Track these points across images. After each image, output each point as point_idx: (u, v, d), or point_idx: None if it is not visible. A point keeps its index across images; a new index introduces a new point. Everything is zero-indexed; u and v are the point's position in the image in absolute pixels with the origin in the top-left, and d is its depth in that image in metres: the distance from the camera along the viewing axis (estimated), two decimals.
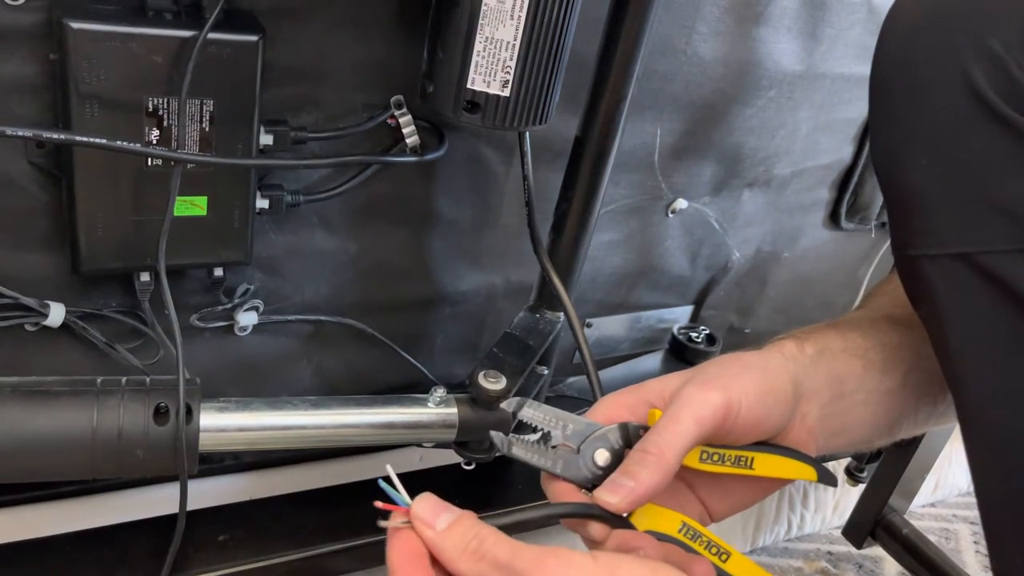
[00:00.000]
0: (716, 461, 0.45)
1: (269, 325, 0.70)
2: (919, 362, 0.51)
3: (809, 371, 0.48)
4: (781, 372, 0.46)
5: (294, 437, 0.59)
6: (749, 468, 0.45)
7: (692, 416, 0.42)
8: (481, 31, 0.54)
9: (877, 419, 0.51)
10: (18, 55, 0.52)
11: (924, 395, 0.52)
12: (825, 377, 0.48)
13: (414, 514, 0.40)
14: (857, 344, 0.51)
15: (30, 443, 0.51)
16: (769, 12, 0.79)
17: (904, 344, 0.51)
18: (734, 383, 0.44)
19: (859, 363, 0.50)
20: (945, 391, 0.51)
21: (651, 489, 0.41)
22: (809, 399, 0.47)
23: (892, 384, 0.50)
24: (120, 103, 0.53)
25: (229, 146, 0.57)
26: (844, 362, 0.49)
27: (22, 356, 0.61)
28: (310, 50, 0.60)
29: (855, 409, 0.50)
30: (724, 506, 0.49)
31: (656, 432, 0.43)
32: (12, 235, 0.57)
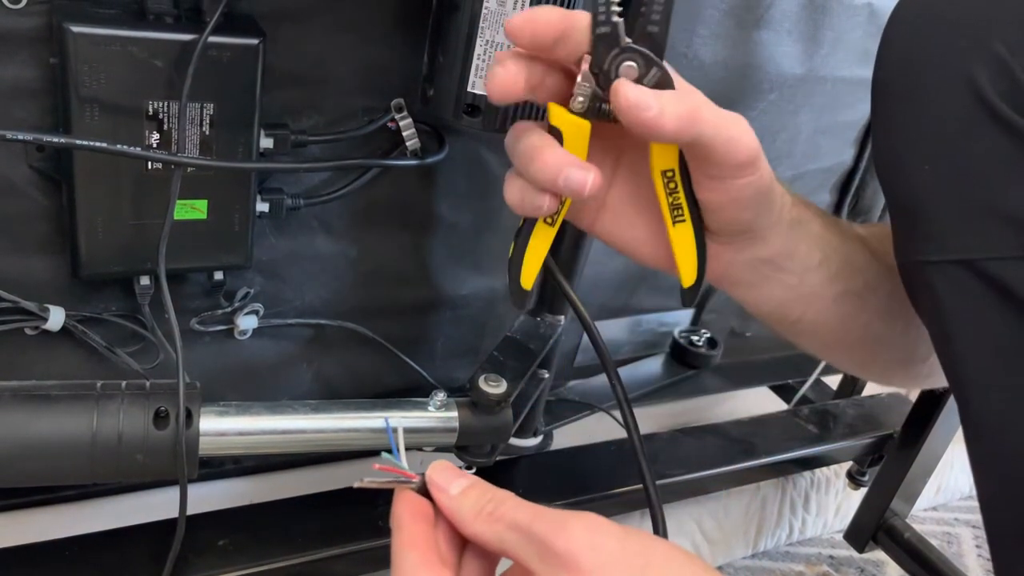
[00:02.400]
0: (666, 187, 0.44)
1: (269, 329, 0.70)
2: (864, 292, 0.52)
3: (780, 227, 0.48)
4: (776, 204, 0.46)
5: (294, 441, 0.59)
6: (672, 223, 0.45)
7: (734, 130, 0.42)
8: (482, 34, 0.54)
9: (787, 306, 0.51)
10: (18, 59, 0.52)
11: (851, 319, 0.52)
12: (782, 242, 0.48)
13: (429, 479, 0.40)
14: (830, 241, 0.51)
15: (30, 447, 0.51)
16: (770, 15, 0.79)
17: (863, 269, 0.52)
18: (761, 154, 0.44)
19: (817, 255, 0.50)
20: (884, 343, 0.54)
21: (664, 128, 0.39)
22: (757, 243, 0.47)
23: (827, 292, 0.51)
24: (120, 107, 0.53)
25: (229, 150, 0.57)
26: (807, 245, 0.50)
27: (22, 360, 0.61)
28: (310, 54, 0.60)
29: (778, 284, 0.49)
30: (617, 229, 0.49)
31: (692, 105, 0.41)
32: (12, 239, 0.57)
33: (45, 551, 0.59)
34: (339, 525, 0.63)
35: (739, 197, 0.44)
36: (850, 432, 0.96)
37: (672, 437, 0.88)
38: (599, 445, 0.83)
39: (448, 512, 0.39)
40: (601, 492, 0.77)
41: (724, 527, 0.95)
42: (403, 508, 0.39)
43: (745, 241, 0.47)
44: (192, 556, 0.59)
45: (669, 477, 0.82)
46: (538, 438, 0.83)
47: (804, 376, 1.09)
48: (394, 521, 0.40)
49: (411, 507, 0.40)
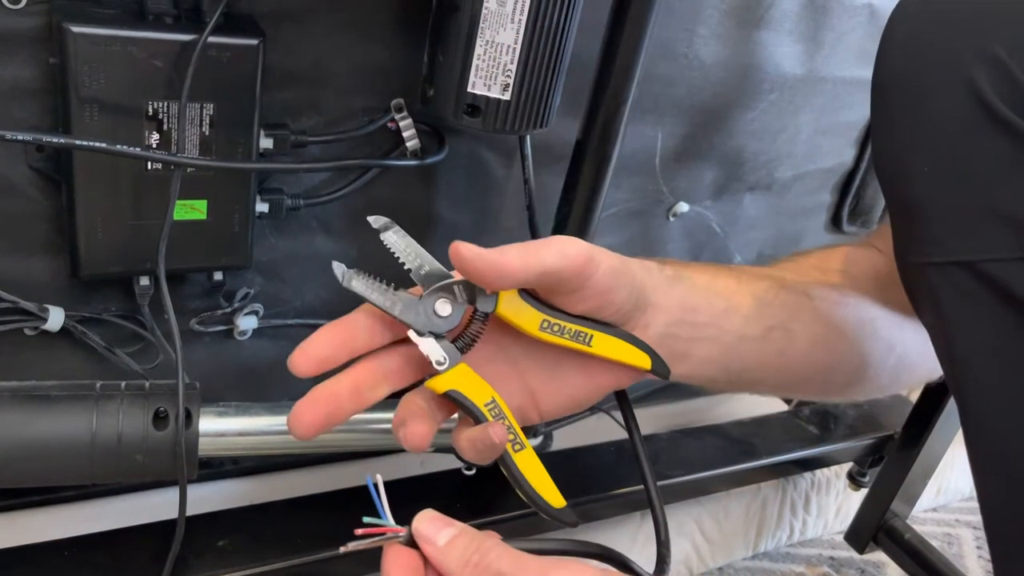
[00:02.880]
0: (556, 332, 0.44)
1: (269, 329, 0.70)
2: (789, 323, 0.52)
3: (662, 287, 0.48)
4: (637, 270, 0.47)
5: (294, 442, 0.59)
6: (587, 345, 0.45)
7: (558, 247, 0.42)
8: (482, 35, 0.54)
9: (725, 360, 0.51)
10: (18, 59, 0.52)
11: (787, 356, 0.53)
12: (678, 300, 0.49)
13: (416, 531, 0.40)
14: (726, 286, 0.51)
15: (29, 448, 0.51)
16: (770, 16, 0.79)
17: (779, 304, 0.52)
18: (596, 248, 0.44)
19: (721, 302, 0.51)
20: (830, 367, 0.55)
21: (509, 265, 0.40)
22: (656, 312, 0.47)
23: (751, 332, 0.51)
24: (120, 107, 0.53)
25: (229, 150, 0.57)
26: (703, 296, 0.50)
27: (21, 360, 0.61)
28: (310, 54, 0.60)
29: (702, 342, 0.50)
30: (554, 399, 0.48)
31: (521, 245, 0.42)
32: (12, 239, 0.57)
33: (45, 552, 0.59)
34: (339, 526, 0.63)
35: (605, 289, 0.44)
36: (850, 433, 0.96)
37: (672, 438, 0.88)
38: (599, 446, 0.83)
39: (436, 564, 0.39)
40: (601, 493, 0.77)
41: (724, 528, 0.95)
42: (392, 563, 0.40)
43: (644, 316, 0.47)
44: (192, 557, 0.59)
45: (669, 478, 0.82)
46: (538, 439, 0.83)
47: None
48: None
49: (400, 561, 0.40)
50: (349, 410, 0.43)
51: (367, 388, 0.44)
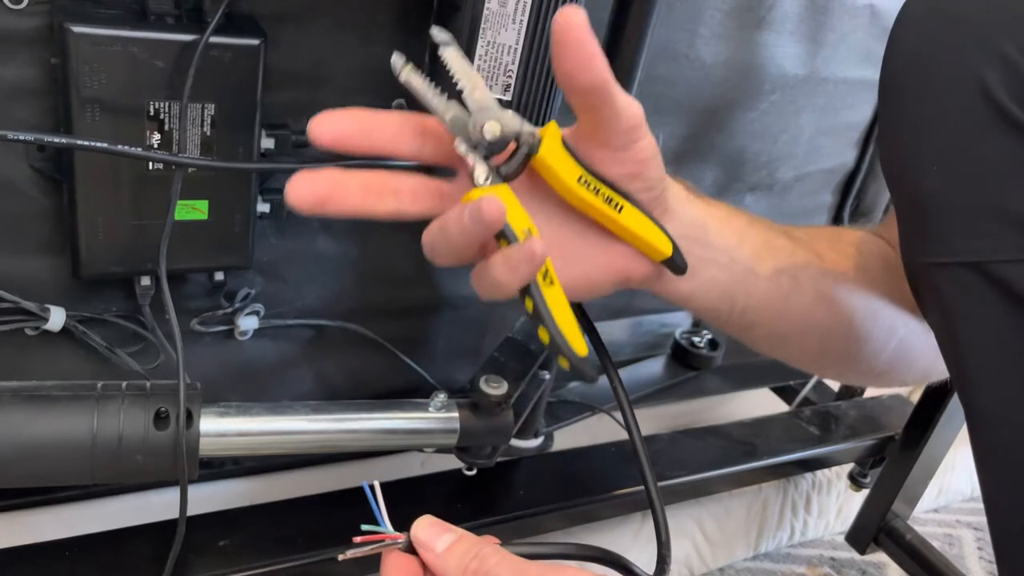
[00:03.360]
0: (591, 190, 0.45)
1: (270, 329, 0.70)
2: (796, 273, 0.53)
3: (682, 199, 0.49)
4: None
5: (295, 442, 0.59)
6: (617, 212, 0.45)
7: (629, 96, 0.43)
8: (483, 35, 0.54)
9: (731, 289, 0.52)
10: (19, 59, 0.52)
11: (790, 303, 0.53)
12: (693, 216, 0.49)
13: (414, 537, 0.40)
14: (740, 223, 0.52)
15: (30, 448, 0.51)
16: (771, 16, 0.79)
17: (788, 253, 0.53)
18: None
19: (733, 235, 0.51)
20: (829, 329, 0.55)
21: (599, 58, 0.41)
22: (672, 218, 0.48)
23: (760, 270, 0.52)
24: (121, 107, 0.52)
25: (230, 150, 0.57)
26: (718, 224, 0.51)
27: (22, 360, 0.60)
28: (311, 54, 0.60)
29: (711, 264, 0.50)
30: (570, 272, 0.47)
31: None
32: (13, 239, 0.57)
33: (45, 551, 0.59)
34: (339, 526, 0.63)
35: (646, 158, 0.45)
36: (851, 434, 0.96)
37: (673, 438, 0.88)
38: (600, 447, 0.83)
39: (435, 570, 0.39)
40: (602, 494, 0.77)
41: (725, 529, 0.94)
42: (392, 570, 0.40)
43: (663, 216, 0.48)
44: (192, 557, 0.59)
45: (670, 478, 0.82)
46: (539, 439, 0.83)
47: (805, 378, 1.09)
48: None
49: (400, 567, 0.40)
50: (348, 203, 0.43)
51: (374, 192, 0.44)
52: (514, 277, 0.43)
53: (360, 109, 0.44)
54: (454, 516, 0.41)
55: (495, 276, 0.43)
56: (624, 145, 0.44)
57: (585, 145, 0.45)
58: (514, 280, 0.43)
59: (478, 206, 0.41)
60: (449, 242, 0.44)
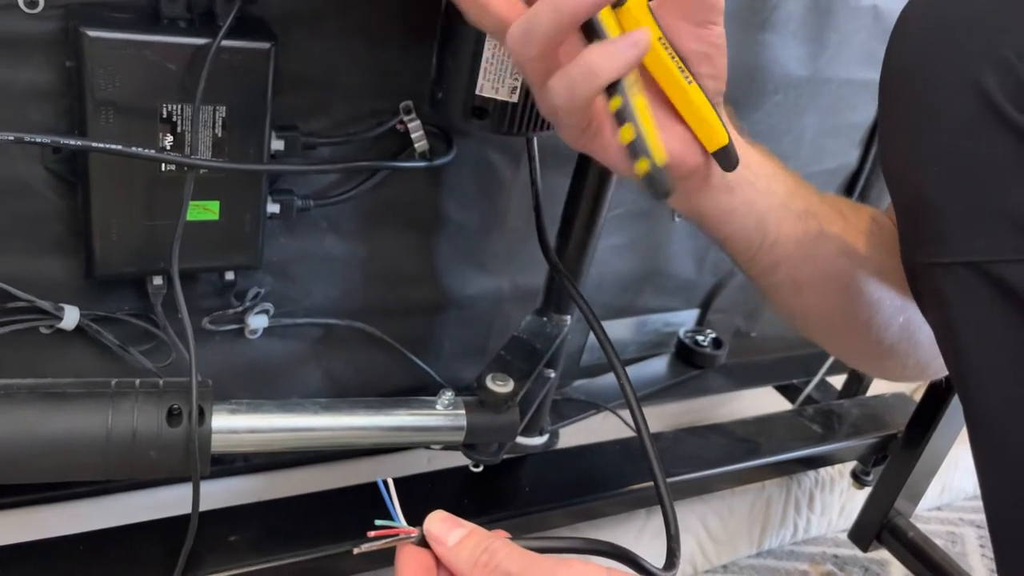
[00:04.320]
0: (669, 52, 0.46)
1: (279, 328, 0.71)
2: (823, 221, 0.55)
3: (727, 124, 0.49)
4: None
5: (304, 439, 0.60)
6: (688, 83, 0.46)
7: None
8: (490, 39, 0.55)
9: (764, 217, 0.53)
10: (34, 62, 0.53)
11: (817, 247, 0.55)
12: (742, 144, 0.51)
13: (427, 531, 0.41)
14: (775, 164, 0.55)
15: (45, 444, 0.52)
16: (775, 18, 0.79)
17: (817, 202, 0.55)
18: None
19: (770, 167, 0.54)
20: (847, 286, 0.56)
21: None
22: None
23: (792, 206, 0.54)
24: (135, 109, 0.53)
25: (241, 151, 0.58)
26: (756, 155, 0.53)
27: (37, 358, 0.62)
28: (320, 57, 0.61)
29: (748, 187, 0.52)
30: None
31: None
32: (28, 240, 0.58)
33: (60, 546, 0.60)
34: (348, 522, 0.64)
35: (719, 44, 0.47)
36: (854, 432, 0.96)
37: (677, 436, 0.89)
38: (604, 444, 0.83)
39: (447, 563, 0.41)
40: (606, 490, 0.78)
41: (729, 526, 0.95)
42: (406, 563, 0.41)
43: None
44: (204, 552, 0.60)
45: (674, 476, 0.83)
46: (544, 437, 0.84)
47: (809, 376, 1.10)
48: (398, 574, 0.41)
49: (414, 560, 0.41)
50: None
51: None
52: (615, 64, 0.41)
53: None
54: (461, 512, 0.42)
55: (594, 64, 0.41)
56: (701, 23, 0.46)
57: (668, 11, 0.46)
58: (614, 68, 0.41)
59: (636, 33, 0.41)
60: (556, 15, 0.41)
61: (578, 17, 0.41)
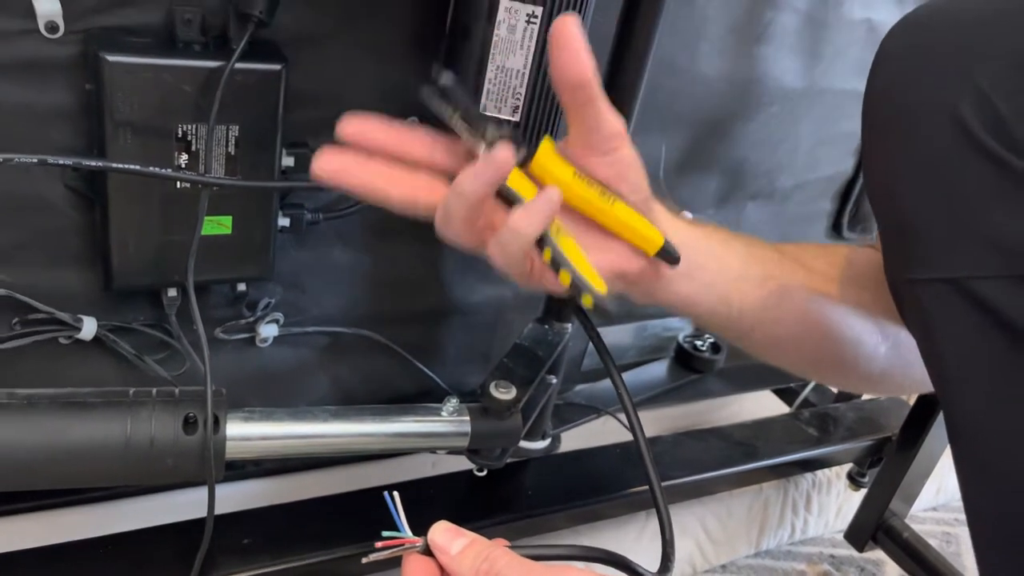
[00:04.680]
0: (587, 183, 0.50)
1: (289, 336, 0.73)
2: (784, 280, 0.57)
3: (666, 215, 0.54)
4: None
5: (315, 445, 0.62)
6: (611, 204, 0.50)
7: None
8: (493, 60, 0.57)
9: (726, 292, 0.56)
10: (55, 85, 0.55)
11: (783, 307, 0.58)
12: (679, 227, 0.55)
13: (431, 541, 0.43)
14: (722, 237, 0.57)
15: (67, 452, 0.54)
16: (771, 32, 0.81)
17: (775, 262, 0.58)
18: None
19: (718, 245, 0.57)
20: (824, 333, 0.59)
21: (588, 62, 0.47)
22: (659, 225, 0.53)
23: (750, 275, 0.57)
24: (152, 130, 0.55)
25: (253, 168, 0.60)
26: (702, 237, 0.56)
27: (56, 368, 0.64)
28: (329, 74, 0.63)
29: (704, 271, 0.55)
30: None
31: None
32: (48, 254, 0.60)
33: (79, 549, 0.62)
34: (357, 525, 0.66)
35: (630, 163, 0.51)
36: (850, 435, 0.99)
37: (676, 440, 0.91)
38: (605, 447, 0.86)
39: (450, 571, 0.43)
40: (607, 494, 0.80)
41: (727, 527, 0.97)
42: (411, 570, 0.43)
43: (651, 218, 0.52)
44: (219, 554, 0.62)
45: (673, 479, 0.85)
46: (546, 441, 0.86)
47: (805, 380, 1.12)
48: None
49: (419, 568, 0.43)
50: (364, 179, 0.50)
51: (391, 178, 0.51)
52: (533, 224, 0.47)
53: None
54: (465, 515, 0.44)
55: (516, 227, 0.47)
56: (608, 151, 0.50)
57: (575, 151, 0.50)
58: (534, 227, 0.47)
59: (491, 153, 0.46)
60: (462, 199, 0.48)
61: (480, 197, 0.47)
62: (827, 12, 0.84)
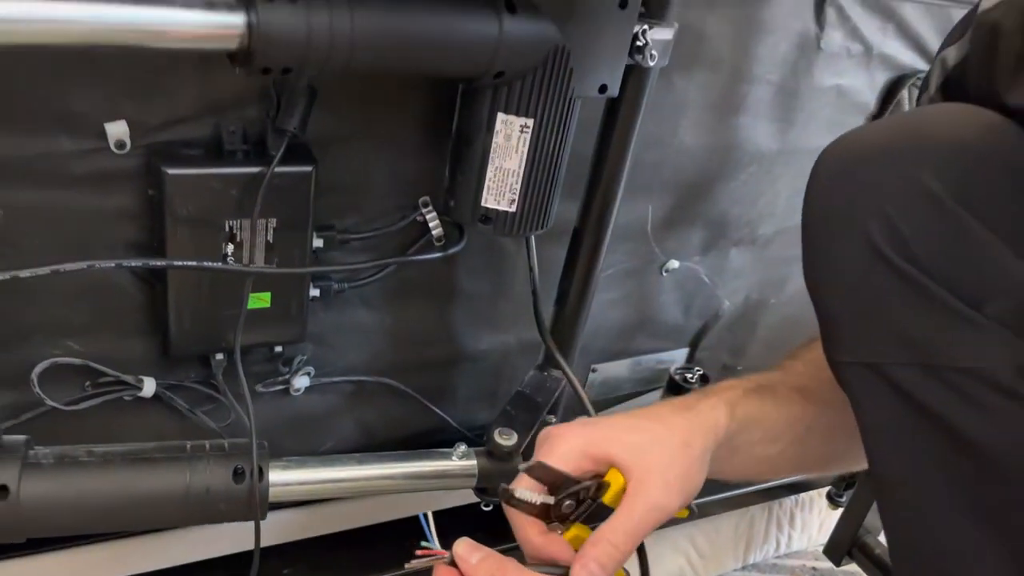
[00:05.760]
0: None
1: (319, 385, 0.83)
2: (805, 435, 0.64)
3: (721, 442, 0.60)
4: (703, 452, 0.59)
5: (344, 488, 0.72)
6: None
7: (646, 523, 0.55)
8: (492, 162, 0.67)
9: (748, 472, 0.65)
10: (123, 191, 0.65)
11: (793, 464, 0.66)
12: (727, 447, 0.61)
13: (456, 553, 0.54)
14: (767, 414, 0.63)
15: (137, 501, 0.64)
16: (747, 104, 0.90)
17: (801, 419, 0.64)
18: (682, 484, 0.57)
19: (759, 435, 0.63)
20: (819, 460, 0.68)
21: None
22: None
23: (772, 452, 0.64)
24: (204, 226, 0.66)
25: (288, 253, 0.70)
26: (746, 437, 0.62)
27: (121, 421, 0.74)
28: (352, 167, 0.73)
29: (736, 458, 0.62)
30: None
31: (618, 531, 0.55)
32: (115, 327, 0.70)
33: None
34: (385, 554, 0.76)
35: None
36: None
37: None
38: None
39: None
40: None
41: (716, 544, 1.07)
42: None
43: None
44: None
45: None
46: None
47: None
48: None
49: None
50: None
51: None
52: None
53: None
54: None
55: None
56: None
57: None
58: None
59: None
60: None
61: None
62: (798, 82, 0.93)
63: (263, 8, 0.50)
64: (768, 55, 0.89)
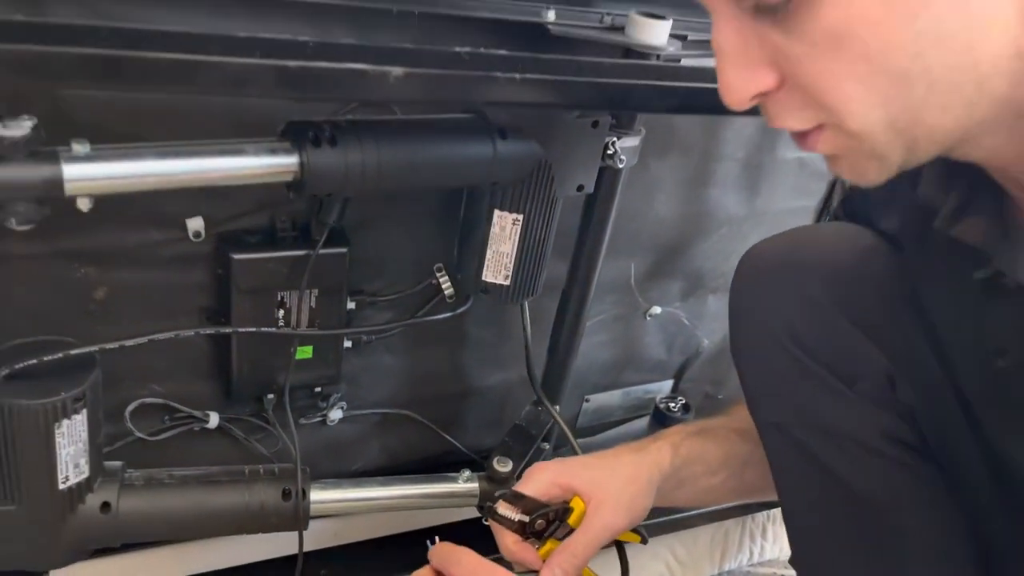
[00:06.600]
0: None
1: (350, 417, 0.99)
2: (742, 469, 0.79)
3: (667, 475, 0.76)
4: (648, 483, 0.74)
5: (371, 505, 0.88)
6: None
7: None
8: (490, 247, 0.83)
9: (694, 500, 0.81)
10: (198, 269, 0.82)
11: (735, 493, 0.81)
12: (674, 480, 0.76)
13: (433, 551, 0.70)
14: (707, 451, 0.78)
15: (207, 515, 0.81)
16: (716, 179, 1.05)
17: (738, 455, 0.79)
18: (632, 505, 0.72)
19: (701, 469, 0.78)
20: (756, 489, 0.82)
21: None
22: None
23: (714, 482, 0.79)
24: (261, 297, 0.82)
25: (328, 315, 0.86)
26: (690, 471, 0.77)
27: (191, 447, 0.91)
28: (378, 242, 0.89)
29: (682, 488, 0.78)
30: None
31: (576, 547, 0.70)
32: (188, 373, 0.87)
33: None
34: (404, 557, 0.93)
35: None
36: None
37: None
38: None
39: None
40: None
41: (693, 553, 1.22)
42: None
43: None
44: None
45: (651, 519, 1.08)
46: None
47: None
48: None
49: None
50: None
51: None
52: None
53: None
54: None
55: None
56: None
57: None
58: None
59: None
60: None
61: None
62: (762, 157, 1.08)
63: (312, 152, 0.66)
64: (735, 137, 1.04)
